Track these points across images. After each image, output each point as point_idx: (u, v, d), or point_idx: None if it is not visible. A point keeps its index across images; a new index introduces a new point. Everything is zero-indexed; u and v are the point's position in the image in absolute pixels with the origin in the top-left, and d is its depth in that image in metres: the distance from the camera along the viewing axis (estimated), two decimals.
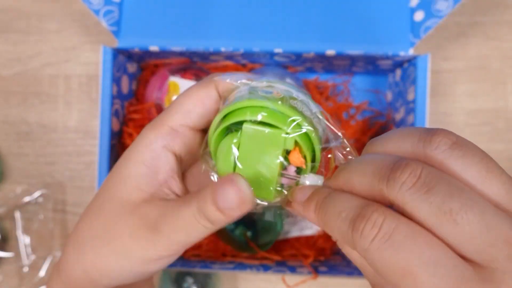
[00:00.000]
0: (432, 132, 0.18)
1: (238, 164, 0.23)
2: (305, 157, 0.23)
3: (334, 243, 0.51)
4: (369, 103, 0.52)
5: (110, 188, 0.26)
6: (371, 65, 0.48)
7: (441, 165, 0.18)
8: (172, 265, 0.44)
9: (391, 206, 0.18)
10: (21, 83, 0.54)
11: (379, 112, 0.52)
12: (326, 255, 0.50)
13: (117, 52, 0.45)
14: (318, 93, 0.52)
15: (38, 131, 0.54)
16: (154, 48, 0.44)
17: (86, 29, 0.54)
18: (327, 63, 0.48)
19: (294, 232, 0.49)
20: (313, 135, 0.23)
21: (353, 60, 0.46)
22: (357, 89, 0.52)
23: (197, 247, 0.50)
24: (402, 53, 0.44)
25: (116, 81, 0.45)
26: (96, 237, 0.25)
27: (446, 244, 0.16)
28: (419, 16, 0.43)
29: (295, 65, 0.50)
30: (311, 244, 0.50)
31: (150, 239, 0.24)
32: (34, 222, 0.53)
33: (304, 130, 0.23)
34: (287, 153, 0.24)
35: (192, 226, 0.23)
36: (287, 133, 0.23)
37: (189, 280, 0.50)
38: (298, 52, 0.44)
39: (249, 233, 0.47)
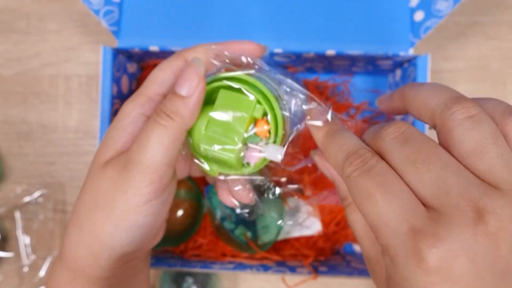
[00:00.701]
0: (459, 98, 0.21)
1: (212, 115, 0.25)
2: (269, 132, 0.25)
3: (334, 243, 0.51)
4: (369, 103, 0.52)
5: (95, 158, 0.27)
6: (371, 65, 0.48)
7: (449, 130, 0.20)
8: (172, 265, 0.44)
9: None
10: (21, 83, 0.54)
11: (379, 112, 0.52)
12: (326, 255, 0.50)
13: (117, 52, 0.45)
14: (318, 93, 0.52)
15: (38, 131, 0.54)
16: (154, 48, 0.44)
17: (86, 29, 0.54)
18: (327, 63, 0.48)
19: (294, 232, 0.49)
20: (279, 113, 0.25)
21: (353, 60, 0.46)
22: (357, 89, 0.52)
23: (197, 247, 0.50)
24: (402, 53, 0.44)
25: (116, 81, 0.45)
26: (88, 207, 0.25)
27: (410, 188, 0.20)
28: (419, 16, 0.43)
29: (295, 65, 0.50)
30: (311, 244, 0.50)
31: (125, 177, 0.24)
32: (34, 222, 0.53)
33: (274, 106, 0.25)
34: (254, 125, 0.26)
35: (154, 132, 0.24)
36: (258, 102, 0.25)
37: (189, 280, 0.50)
38: (298, 52, 0.44)
39: (249, 233, 0.47)
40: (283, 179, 0.29)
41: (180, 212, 0.48)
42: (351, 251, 0.53)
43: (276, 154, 0.24)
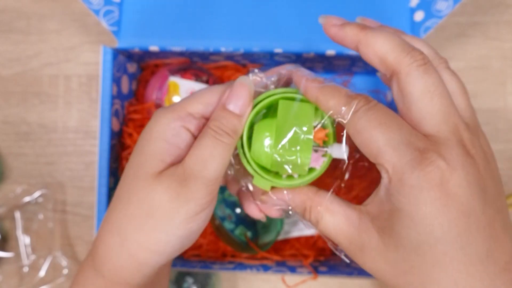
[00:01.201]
0: (412, 49, 0.24)
1: (268, 142, 0.26)
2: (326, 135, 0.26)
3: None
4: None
5: (135, 167, 0.27)
6: (371, 65, 0.48)
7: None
8: (172, 265, 0.44)
9: None
10: (21, 83, 0.54)
11: None
12: (326, 255, 0.50)
13: (117, 52, 0.45)
14: None
15: (38, 131, 0.54)
16: (154, 48, 0.44)
17: (86, 29, 0.54)
18: (327, 63, 0.48)
19: (294, 232, 0.49)
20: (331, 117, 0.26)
21: (353, 60, 0.46)
22: (357, 89, 0.52)
23: (197, 247, 0.50)
24: None
25: (116, 81, 0.45)
26: (135, 217, 0.26)
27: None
28: (419, 16, 0.43)
29: None
30: (311, 244, 0.50)
31: (188, 189, 0.25)
32: (34, 222, 0.53)
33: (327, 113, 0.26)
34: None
35: (216, 150, 0.25)
36: (316, 108, 0.26)
37: (189, 280, 0.50)
38: (298, 52, 0.44)
39: (249, 233, 0.47)
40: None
41: None
42: None
43: (342, 152, 0.25)
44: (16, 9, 0.55)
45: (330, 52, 0.44)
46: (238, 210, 0.47)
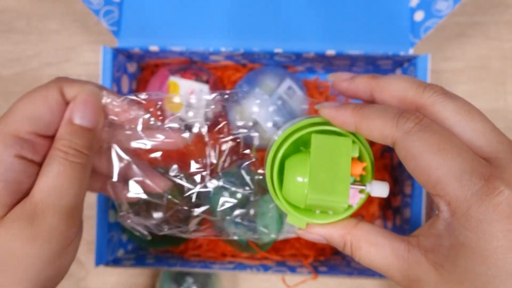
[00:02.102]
0: (427, 85, 0.23)
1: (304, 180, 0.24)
2: (363, 169, 0.24)
3: None
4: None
5: None
6: (371, 65, 0.48)
7: (433, 114, 0.23)
8: (172, 265, 0.44)
9: None
10: (21, 83, 0.54)
11: None
12: (326, 255, 0.50)
13: (117, 52, 0.45)
14: (318, 93, 0.52)
15: None
16: (154, 48, 0.44)
17: (86, 29, 0.54)
18: (327, 63, 0.48)
19: (294, 232, 0.49)
20: (369, 148, 0.25)
21: (353, 60, 0.46)
22: None
23: (197, 247, 0.50)
24: (402, 53, 0.44)
25: (116, 81, 0.45)
26: None
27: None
28: (419, 16, 0.43)
29: (295, 65, 0.50)
30: (311, 244, 0.50)
31: (39, 227, 0.22)
32: None
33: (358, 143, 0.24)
34: None
35: (67, 171, 0.22)
36: (353, 141, 0.24)
37: (189, 280, 0.50)
38: (298, 52, 0.44)
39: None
40: None
41: None
42: None
43: (383, 190, 0.24)
44: (16, 9, 0.55)
45: (330, 52, 0.43)
46: (237, 211, 0.47)
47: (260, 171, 0.30)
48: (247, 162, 0.50)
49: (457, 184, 0.20)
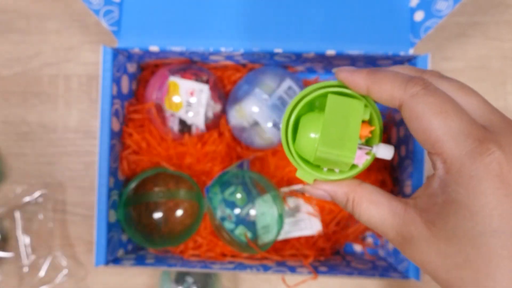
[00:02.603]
0: (422, 71, 0.25)
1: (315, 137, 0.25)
2: (371, 132, 0.26)
3: (334, 243, 0.51)
4: None
5: None
6: (371, 65, 0.48)
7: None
8: (172, 265, 0.44)
9: None
10: (21, 83, 0.54)
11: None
12: (326, 255, 0.50)
13: (117, 52, 0.45)
14: None
15: (38, 131, 0.54)
16: (154, 48, 0.44)
17: (86, 29, 0.54)
18: (327, 63, 0.48)
19: (294, 232, 0.49)
20: (379, 113, 0.26)
21: (353, 60, 0.46)
22: None
23: (197, 247, 0.50)
24: (402, 53, 0.44)
25: (116, 81, 0.45)
26: None
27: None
28: (419, 16, 0.43)
29: (295, 65, 0.50)
30: (311, 244, 0.50)
31: None
32: (34, 222, 0.53)
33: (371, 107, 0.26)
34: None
35: None
36: (365, 105, 0.25)
37: (189, 280, 0.50)
38: (298, 52, 0.44)
39: (249, 234, 0.47)
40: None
41: (180, 212, 0.48)
42: (351, 251, 0.53)
43: (388, 152, 0.25)
44: (16, 9, 0.55)
45: (330, 52, 0.43)
46: (238, 210, 0.47)
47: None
48: (246, 162, 0.50)
49: (454, 143, 0.21)
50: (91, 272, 0.54)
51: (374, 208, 0.25)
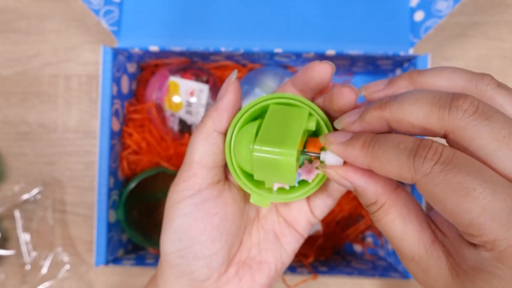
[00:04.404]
0: (482, 74, 0.21)
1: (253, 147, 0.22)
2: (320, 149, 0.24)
3: (334, 243, 0.51)
4: (368, 103, 0.52)
5: None
6: (371, 65, 0.48)
7: (490, 100, 0.20)
8: None
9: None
10: (21, 83, 0.54)
11: None
12: (326, 255, 0.50)
13: (117, 52, 0.45)
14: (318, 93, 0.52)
15: (38, 131, 0.54)
16: (154, 48, 0.44)
17: (86, 29, 0.54)
18: None
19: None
20: (326, 123, 0.24)
21: (353, 60, 0.46)
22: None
23: None
24: (402, 53, 0.44)
25: (116, 81, 0.45)
26: None
27: (499, 173, 0.18)
28: (419, 16, 0.43)
29: (295, 65, 0.50)
30: (311, 244, 0.50)
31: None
32: (34, 220, 0.53)
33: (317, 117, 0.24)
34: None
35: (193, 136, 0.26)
36: (310, 114, 0.23)
37: None
38: (298, 52, 0.44)
39: None
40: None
41: None
42: (351, 251, 0.53)
43: (337, 158, 0.22)
44: (16, 9, 0.55)
45: (330, 52, 0.44)
46: None
47: None
48: None
49: (495, 225, 0.17)
50: (91, 272, 0.54)
51: (401, 223, 0.22)
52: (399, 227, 0.21)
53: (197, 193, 0.26)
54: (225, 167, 0.27)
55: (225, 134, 0.25)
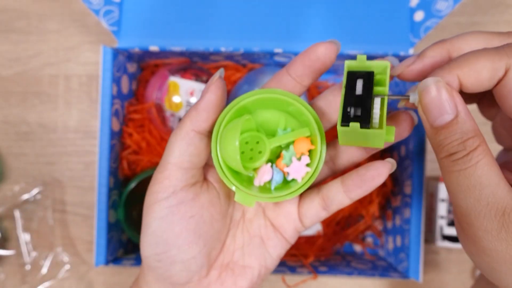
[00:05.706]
0: (508, 32, 0.22)
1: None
2: (309, 151, 0.25)
3: (334, 243, 0.51)
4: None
5: None
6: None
7: None
8: None
9: None
10: (21, 83, 0.54)
11: None
12: (326, 255, 0.50)
13: (117, 52, 0.45)
14: (318, 93, 0.52)
15: (38, 131, 0.54)
16: (154, 48, 0.44)
17: (86, 29, 0.54)
18: None
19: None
20: (323, 132, 0.25)
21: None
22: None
23: None
24: (402, 53, 0.44)
25: (116, 81, 0.45)
26: None
27: None
28: (419, 16, 0.43)
29: None
30: (311, 244, 0.50)
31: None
32: (34, 220, 0.53)
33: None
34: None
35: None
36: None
37: None
38: (298, 52, 0.44)
39: None
40: None
41: None
42: (351, 251, 0.53)
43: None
44: (16, 9, 0.55)
45: None
46: None
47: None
48: None
49: None
50: (91, 271, 0.54)
51: (498, 169, 0.20)
52: (497, 172, 0.20)
53: (171, 195, 0.25)
54: (204, 168, 0.27)
55: (205, 134, 0.25)
